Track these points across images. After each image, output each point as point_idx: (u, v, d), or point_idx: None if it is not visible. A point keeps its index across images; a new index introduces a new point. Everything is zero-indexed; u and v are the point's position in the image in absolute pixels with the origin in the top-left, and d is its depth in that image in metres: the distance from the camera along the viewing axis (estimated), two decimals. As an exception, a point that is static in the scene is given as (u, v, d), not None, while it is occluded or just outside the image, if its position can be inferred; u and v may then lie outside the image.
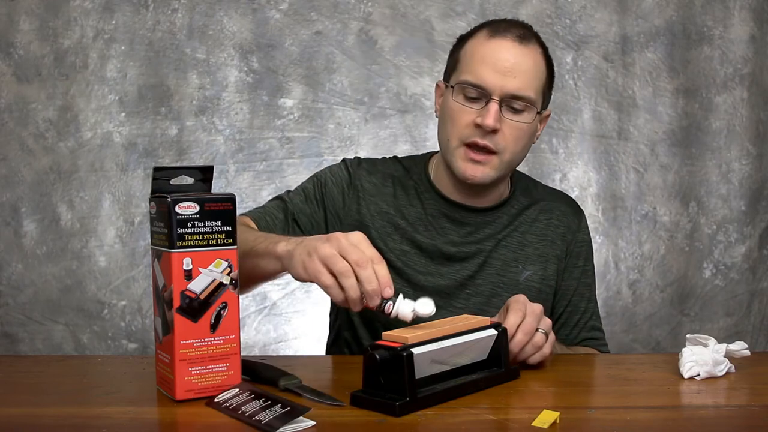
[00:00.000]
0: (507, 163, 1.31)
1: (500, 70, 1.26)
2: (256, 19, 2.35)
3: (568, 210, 1.45)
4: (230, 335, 0.98)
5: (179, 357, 0.96)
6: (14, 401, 1.00)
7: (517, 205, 1.42)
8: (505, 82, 1.26)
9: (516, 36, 1.28)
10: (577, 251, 1.43)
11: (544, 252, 1.40)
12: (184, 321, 0.96)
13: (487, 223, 1.39)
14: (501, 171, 1.32)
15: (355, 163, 1.43)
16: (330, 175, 1.40)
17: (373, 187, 1.39)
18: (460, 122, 1.29)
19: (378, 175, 1.41)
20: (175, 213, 0.95)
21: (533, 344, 1.11)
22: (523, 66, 1.27)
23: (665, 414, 0.95)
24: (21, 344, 2.34)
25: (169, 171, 1.00)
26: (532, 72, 1.28)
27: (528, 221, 1.41)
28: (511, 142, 1.29)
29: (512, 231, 1.39)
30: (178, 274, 0.95)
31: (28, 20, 2.32)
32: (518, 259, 1.38)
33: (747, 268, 2.40)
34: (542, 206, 1.43)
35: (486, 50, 1.28)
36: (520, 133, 1.30)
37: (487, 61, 1.27)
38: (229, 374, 0.98)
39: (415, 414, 0.93)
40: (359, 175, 1.40)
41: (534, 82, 1.29)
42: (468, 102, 1.28)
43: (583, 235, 1.45)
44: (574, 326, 1.42)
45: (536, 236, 1.40)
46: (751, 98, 2.38)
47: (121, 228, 2.36)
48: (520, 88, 1.27)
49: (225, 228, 0.97)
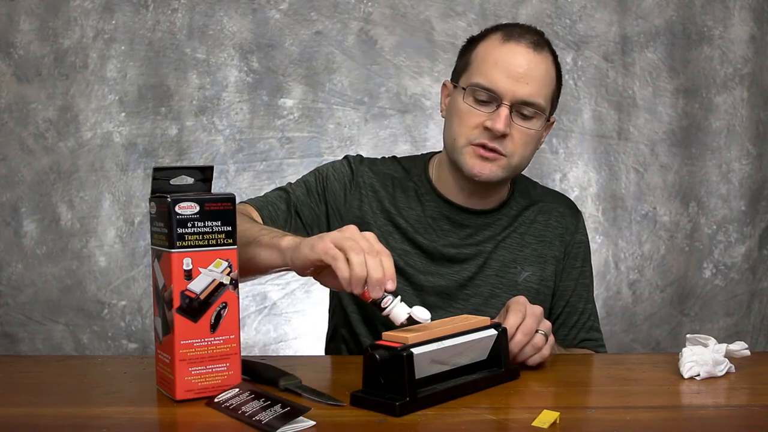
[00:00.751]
0: (514, 166, 1.32)
1: (513, 76, 1.26)
2: (256, 19, 2.35)
3: (566, 211, 1.45)
4: (230, 335, 0.98)
5: (179, 357, 0.96)
6: (14, 401, 1.00)
7: (516, 207, 1.42)
8: (517, 88, 1.26)
9: (530, 42, 1.28)
10: (575, 252, 1.44)
11: (542, 253, 1.40)
12: (184, 321, 0.96)
13: (486, 225, 1.39)
14: (508, 173, 1.32)
15: (357, 159, 1.42)
16: (332, 170, 1.40)
17: (375, 185, 1.39)
18: (468, 123, 1.29)
19: (379, 175, 1.41)
20: (175, 213, 0.95)
21: (533, 345, 1.11)
22: (536, 73, 1.28)
23: (665, 414, 0.95)
24: (21, 344, 2.34)
25: (169, 171, 1.00)
26: (544, 79, 1.29)
27: (527, 222, 1.41)
28: (520, 147, 1.29)
29: (511, 232, 1.40)
30: (178, 274, 0.95)
31: (28, 20, 2.32)
32: (517, 260, 1.38)
33: (747, 268, 2.40)
34: (540, 207, 1.43)
35: (499, 54, 1.28)
36: (528, 139, 1.30)
37: (500, 65, 1.27)
38: (229, 374, 0.98)
39: (415, 414, 0.93)
40: (361, 172, 1.40)
41: (544, 89, 1.29)
42: (478, 105, 1.29)
43: (581, 236, 1.45)
44: (572, 327, 1.43)
45: (534, 237, 1.41)
46: (751, 98, 2.39)
47: (121, 228, 2.36)
48: (531, 95, 1.27)
49: (225, 228, 0.97)
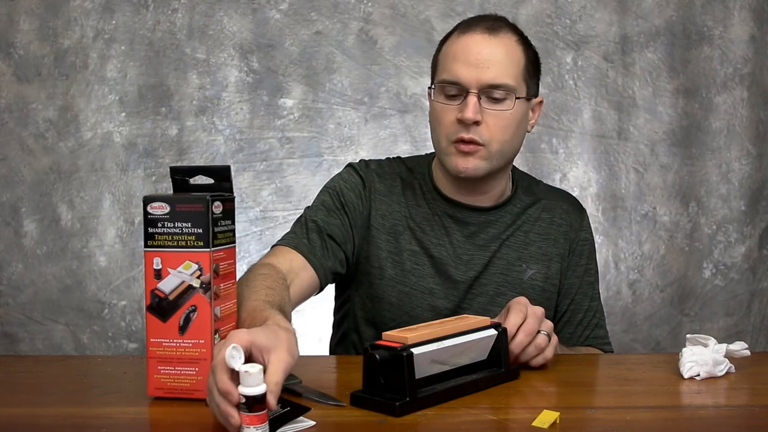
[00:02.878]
0: (497, 153, 1.30)
1: (473, 63, 1.27)
2: (256, 19, 2.35)
3: (571, 208, 1.45)
4: (200, 340, 0.97)
5: (150, 354, 0.97)
6: (14, 401, 1.00)
7: (519, 204, 1.42)
8: (480, 74, 1.26)
9: (484, 28, 1.29)
10: (579, 249, 1.43)
11: (547, 251, 1.40)
12: (154, 320, 0.97)
13: (490, 223, 1.39)
14: (493, 162, 1.31)
15: (363, 165, 1.43)
16: (343, 183, 1.40)
17: (385, 188, 1.40)
18: (444, 121, 1.30)
19: (387, 177, 1.41)
20: (146, 212, 0.96)
21: (536, 345, 1.11)
22: (496, 55, 1.28)
23: (665, 414, 0.95)
24: (21, 344, 2.34)
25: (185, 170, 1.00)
26: (506, 60, 1.29)
27: (531, 220, 1.41)
28: (497, 132, 1.29)
29: (515, 230, 1.40)
30: (149, 272, 0.97)
31: (28, 20, 2.32)
32: (522, 258, 1.38)
33: (747, 268, 2.40)
34: (544, 205, 1.43)
35: (457, 47, 1.30)
36: (505, 121, 1.29)
37: (459, 56, 1.28)
38: (198, 380, 0.97)
39: (415, 414, 0.93)
40: (371, 178, 1.40)
41: (510, 69, 1.29)
42: (448, 100, 1.29)
43: (586, 234, 1.45)
44: (578, 325, 1.42)
45: (539, 235, 1.40)
46: (751, 98, 2.38)
47: (121, 228, 2.36)
48: (495, 77, 1.27)
49: (195, 230, 0.96)
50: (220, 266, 0.98)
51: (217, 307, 0.97)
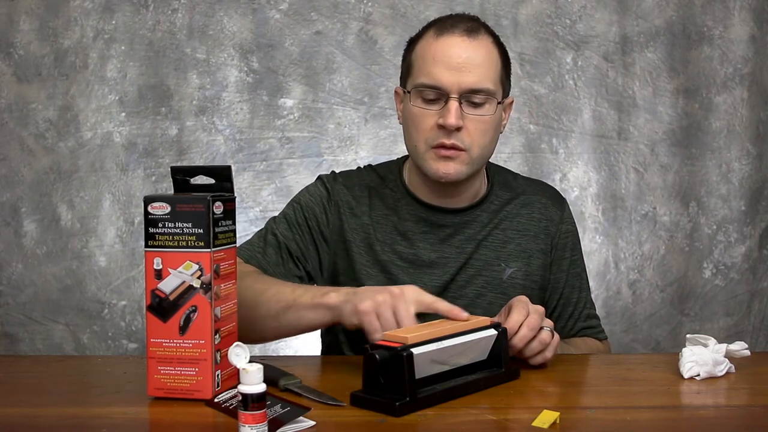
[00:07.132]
0: (477, 158, 1.29)
1: (454, 67, 1.25)
2: (256, 19, 2.36)
3: (549, 202, 1.43)
4: (200, 340, 0.97)
5: (150, 354, 0.97)
6: (14, 401, 1.00)
7: (496, 201, 1.40)
8: (461, 78, 1.25)
9: (464, 30, 1.27)
10: (562, 243, 1.42)
11: (526, 247, 1.38)
12: (154, 320, 0.97)
13: (466, 224, 1.37)
14: (473, 166, 1.30)
15: (331, 178, 1.42)
16: (308, 197, 1.40)
17: (352, 200, 1.38)
18: (423, 126, 1.28)
19: (355, 189, 1.40)
20: (147, 212, 0.96)
21: (540, 341, 1.11)
22: (477, 59, 1.26)
23: (665, 414, 0.95)
24: (21, 344, 2.34)
25: (186, 170, 1.00)
26: (486, 63, 1.27)
27: (509, 217, 1.39)
28: (478, 137, 1.27)
29: (493, 229, 1.38)
30: (149, 272, 0.96)
31: (28, 20, 2.32)
32: (500, 257, 1.37)
33: (747, 268, 2.40)
34: (524, 200, 1.41)
35: (436, 49, 1.27)
36: (485, 126, 1.28)
37: (439, 59, 1.26)
38: (198, 380, 0.97)
39: (415, 414, 0.93)
40: (337, 191, 1.39)
41: (490, 73, 1.28)
42: (427, 104, 1.27)
43: (567, 226, 1.43)
44: (569, 318, 1.42)
45: (518, 232, 1.39)
46: (751, 98, 2.39)
47: (121, 228, 2.36)
48: (476, 82, 1.25)
49: (196, 230, 0.96)
50: (220, 266, 0.98)
51: (217, 307, 0.97)
